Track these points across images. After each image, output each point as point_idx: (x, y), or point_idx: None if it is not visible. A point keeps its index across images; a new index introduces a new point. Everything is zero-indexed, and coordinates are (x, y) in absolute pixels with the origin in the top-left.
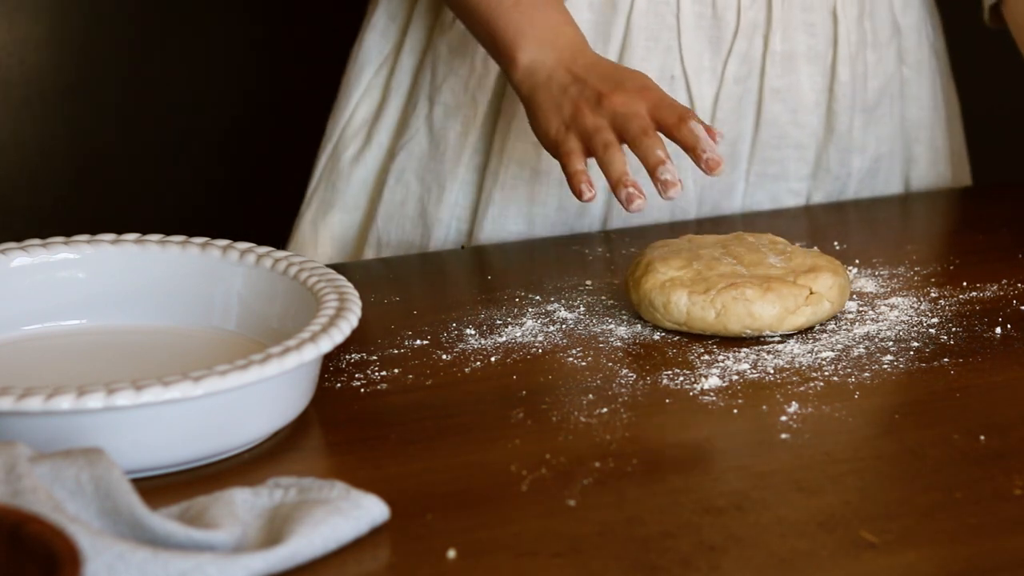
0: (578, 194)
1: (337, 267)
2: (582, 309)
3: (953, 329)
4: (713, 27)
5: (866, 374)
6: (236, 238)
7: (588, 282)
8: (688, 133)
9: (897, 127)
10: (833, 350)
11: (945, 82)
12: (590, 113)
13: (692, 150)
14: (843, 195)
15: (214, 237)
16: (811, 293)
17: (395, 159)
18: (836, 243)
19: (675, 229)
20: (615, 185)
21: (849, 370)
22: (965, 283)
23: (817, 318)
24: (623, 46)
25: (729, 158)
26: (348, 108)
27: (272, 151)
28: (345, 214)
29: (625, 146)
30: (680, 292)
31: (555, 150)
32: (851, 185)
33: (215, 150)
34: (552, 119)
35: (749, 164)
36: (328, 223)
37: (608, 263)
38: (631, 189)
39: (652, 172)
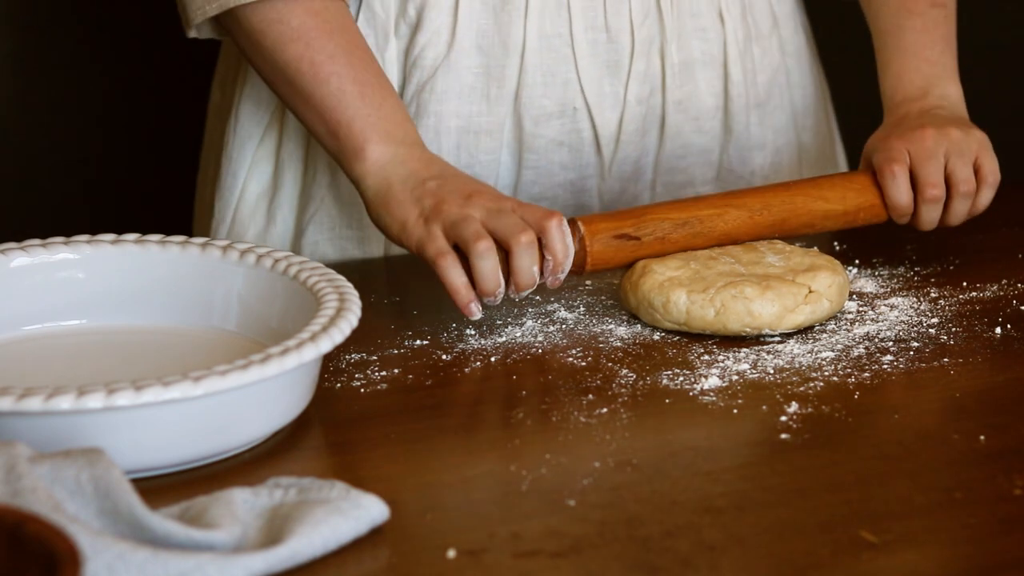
0: (467, 314)
1: (337, 267)
2: (582, 309)
3: (953, 329)
4: (610, 51)
5: (866, 374)
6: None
7: (588, 282)
8: (557, 241)
9: (788, 117)
10: (833, 350)
11: (818, 66)
12: (455, 207)
13: (551, 258)
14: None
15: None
16: (810, 292)
17: (304, 234)
18: (836, 243)
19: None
20: (480, 294)
21: (849, 370)
22: (965, 283)
23: (816, 317)
24: (519, 85)
25: (633, 174)
26: (236, 186)
27: None
28: None
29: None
30: (679, 291)
31: (419, 246)
32: (755, 182)
33: (191, 151)
34: (410, 210)
35: (655, 175)
36: None
37: None
38: (492, 300)
39: (516, 288)
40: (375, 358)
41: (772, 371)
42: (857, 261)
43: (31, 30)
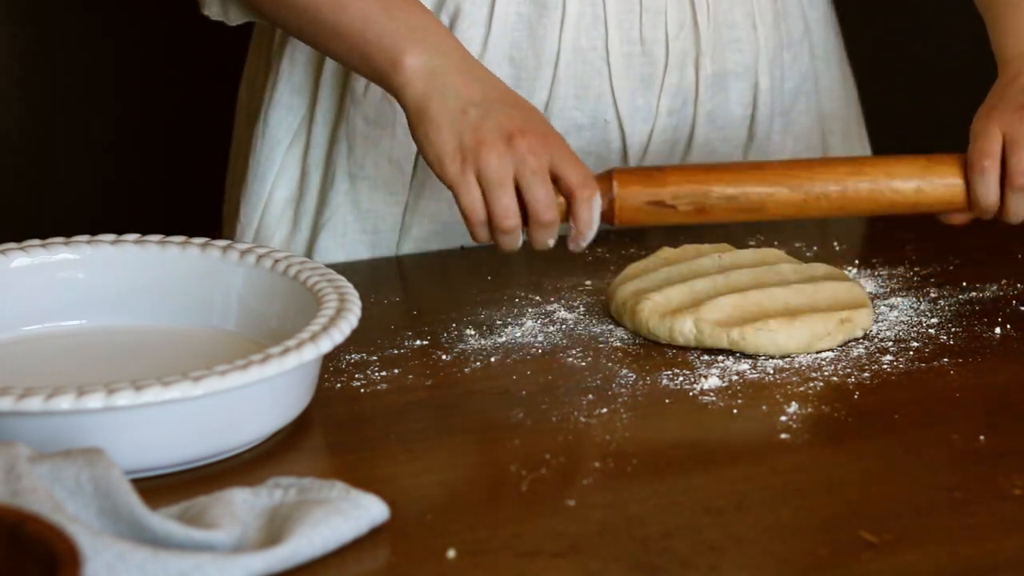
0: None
1: (337, 267)
2: (582, 309)
3: (953, 329)
4: (644, 64)
5: (866, 374)
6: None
7: (588, 282)
8: (584, 213)
9: (814, 122)
10: (833, 350)
11: (848, 68)
12: (495, 155)
13: (575, 226)
14: None
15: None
16: (843, 321)
17: (318, 239)
18: (835, 243)
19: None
20: (495, 244)
21: (849, 370)
22: (965, 283)
23: (846, 340)
24: (549, 98)
25: None
26: (264, 190)
27: None
28: None
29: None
30: (684, 318)
31: (451, 186)
32: None
33: (215, 151)
34: (448, 139)
35: None
36: None
37: (608, 263)
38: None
39: (531, 243)
40: (375, 358)
41: (772, 371)
42: (857, 261)
43: (40, 24)
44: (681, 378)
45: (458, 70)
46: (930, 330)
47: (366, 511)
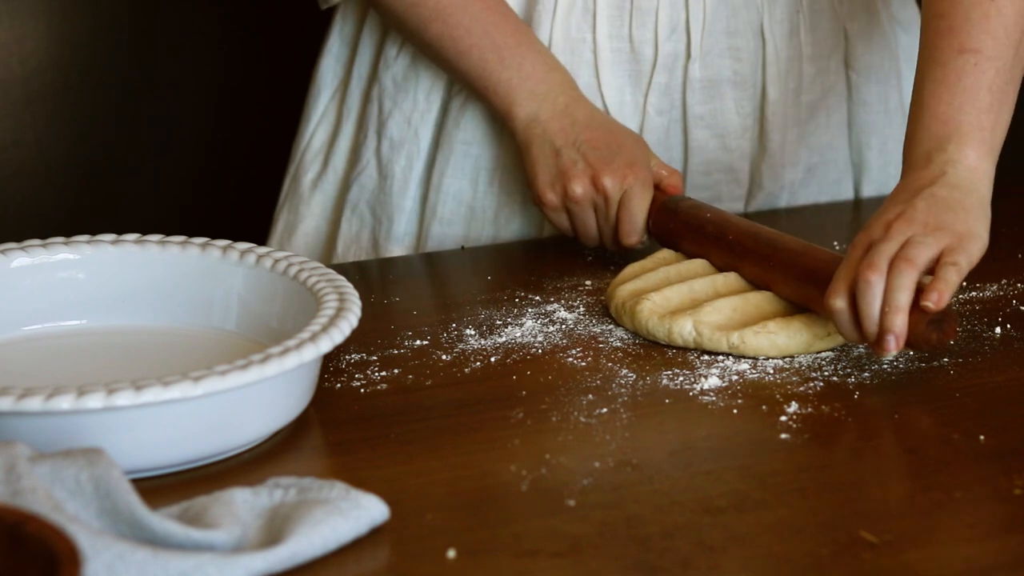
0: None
1: (337, 267)
2: (582, 309)
3: None
4: (631, 61)
5: (866, 374)
6: (236, 239)
7: (588, 282)
8: (626, 240)
9: (837, 135)
10: (833, 350)
11: (902, 81)
12: (580, 190)
13: (621, 236)
14: (774, 206)
15: (214, 237)
16: None
17: (349, 191)
18: (836, 243)
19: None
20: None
21: (849, 370)
22: (965, 283)
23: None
24: None
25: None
26: (308, 131)
27: (271, 150)
28: (307, 238)
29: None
30: (683, 320)
31: (544, 208)
32: (783, 197)
33: (216, 149)
34: (543, 175)
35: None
36: (293, 246)
37: (608, 263)
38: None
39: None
40: (375, 358)
41: (772, 371)
42: None
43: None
44: (681, 378)
45: (556, 117)
46: None
47: (366, 511)
